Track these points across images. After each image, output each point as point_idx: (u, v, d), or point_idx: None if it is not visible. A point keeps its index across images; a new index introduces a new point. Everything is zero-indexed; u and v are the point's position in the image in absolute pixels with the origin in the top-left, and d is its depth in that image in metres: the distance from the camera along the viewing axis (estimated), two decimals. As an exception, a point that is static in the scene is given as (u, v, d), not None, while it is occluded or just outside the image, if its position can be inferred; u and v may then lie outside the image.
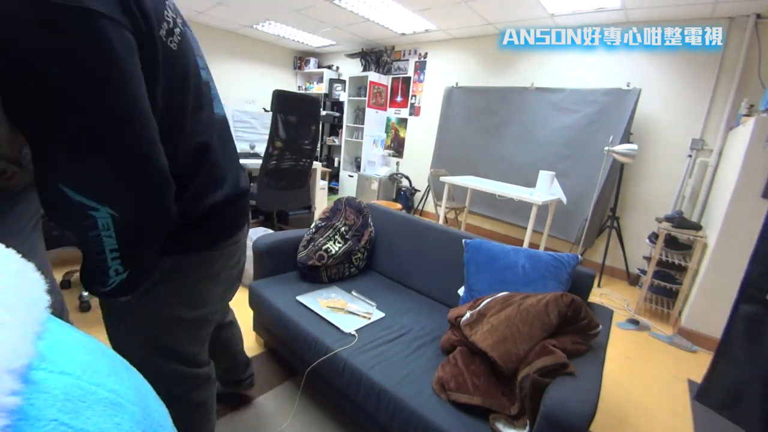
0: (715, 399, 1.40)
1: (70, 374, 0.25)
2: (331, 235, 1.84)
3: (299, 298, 1.57)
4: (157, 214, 0.63)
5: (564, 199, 2.94)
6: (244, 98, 4.60)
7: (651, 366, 2.11)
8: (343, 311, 1.51)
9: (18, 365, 0.22)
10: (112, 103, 0.54)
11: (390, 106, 5.46)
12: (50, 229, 2.39)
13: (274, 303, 1.55)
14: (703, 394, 1.43)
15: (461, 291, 1.61)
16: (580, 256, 1.46)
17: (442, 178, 3.55)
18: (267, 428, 1.05)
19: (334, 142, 6.11)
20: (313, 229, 1.89)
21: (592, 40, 3.49)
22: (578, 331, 1.20)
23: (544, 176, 2.93)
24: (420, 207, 5.07)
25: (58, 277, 2.15)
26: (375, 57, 5.44)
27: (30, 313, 0.26)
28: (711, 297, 2.32)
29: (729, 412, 1.36)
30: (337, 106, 5.89)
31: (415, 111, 5.14)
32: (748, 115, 2.49)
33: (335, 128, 6.10)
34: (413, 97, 5.14)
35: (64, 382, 0.24)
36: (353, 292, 1.69)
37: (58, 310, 1.18)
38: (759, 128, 2.09)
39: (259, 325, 1.80)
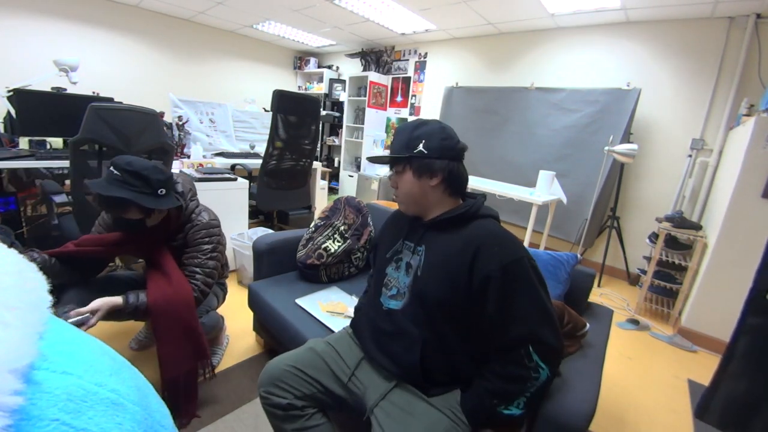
0: (719, 417, 1.34)
1: (72, 374, 0.25)
2: (330, 234, 1.84)
3: (298, 301, 1.56)
4: None
5: (564, 199, 2.94)
6: (244, 98, 4.60)
7: (651, 366, 2.12)
8: (343, 316, 1.49)
9: (20, 365, 0.22)
10: None
11: (390, 106, 5.46)
12: (50, 229, 2.39)
13: (273, 305, 1.54)
14: (704, 412, 1.38)
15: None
16: (579, 256, 1.46)
17: (442, 178, 3.54)
18: (266, 427, 1.06)
19: (334, 142, 6.10)
20: (313, 228, 1.89)
21: (592, 40, 3.50)
22: (565, 336, 1.20)
23: (544, 176, 2.92)
24: (420, 207, 5.06)
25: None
26: (375, 57, 5.44)
27: (32, 313, 0.26)
28: (711, 297, 2.32)
29: (735, 431, 1.31)
30: (337, 106, 5.89)
31: (415, 111, 5.14)
32: (748, 115, 2.49)
33: (335, 128, 6.10)
34: (413, 97, 5.14)
35: (66, 382, 0.24)
36: (353, 296, 1.67)
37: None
38: (759, 128, 2.09)
39: (258, 326, 1.80)
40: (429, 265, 0.96)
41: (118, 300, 1.23)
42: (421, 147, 0.94)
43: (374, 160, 1.06)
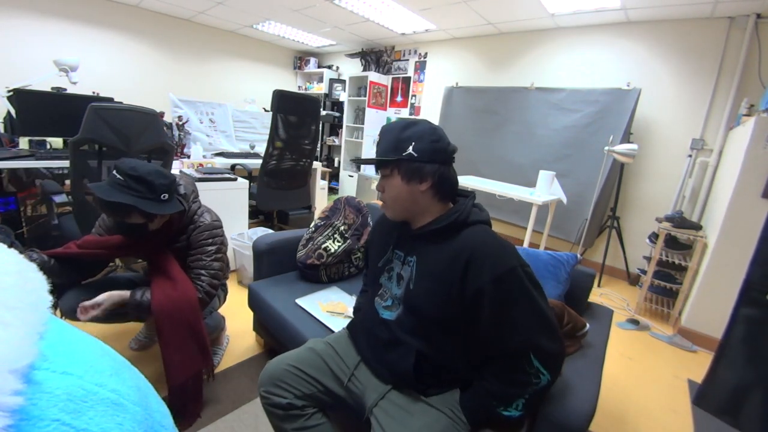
0: (715, 404, 1.38)
1: (73, 374, 0.25)
2: (330, 234, 1.84)
3: (298, 301, 1.56)
4: None
5: (564, 199, 2.94)
6: (244, 98, 4.60)
7: (651, 366, 2.12)
8: (343, 316, 1.49)
9: (20, 365, 0.22)
10: None
11: (390, 106, 5.46)
12: (50, 229, 2.39)
13: (273, 305, 1.54)
14: (702, 399, 1.42)
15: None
16: (579, 256, 1.46)
17: (442, 178, 3.54)
18: (266, 427, 1.07)
19: (334, 142, 6.10)
20: (313, 228, 1.89)
21: (592, 40, 3.50)
22: (564, 335, 1.20)
23: (544, 176, 2.92)
24: (420, 207, 5.06)
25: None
26: (375, 57, 5.44)
27: (32, 313, 0.26)
28: (711, 297, 2.32)
29: (729, 417, 1.34)
30: (337, 106, 5.89)
31: (415, 111, 5.14)
32: (748, 115, 2.49)
33: (335, 128, 6.10)
34: (413, 97, 5.14)
35: (66, 383, 0.24)
36: (353, 296, 1.66)
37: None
38: (759, 128, 2.09)
39: (258, 326, 1.80)
40: (421, 279, 0.94)
41: (125, 294, 1.25)
42: (410, 149, 0.89)
43: (361, 162, 1.02)
